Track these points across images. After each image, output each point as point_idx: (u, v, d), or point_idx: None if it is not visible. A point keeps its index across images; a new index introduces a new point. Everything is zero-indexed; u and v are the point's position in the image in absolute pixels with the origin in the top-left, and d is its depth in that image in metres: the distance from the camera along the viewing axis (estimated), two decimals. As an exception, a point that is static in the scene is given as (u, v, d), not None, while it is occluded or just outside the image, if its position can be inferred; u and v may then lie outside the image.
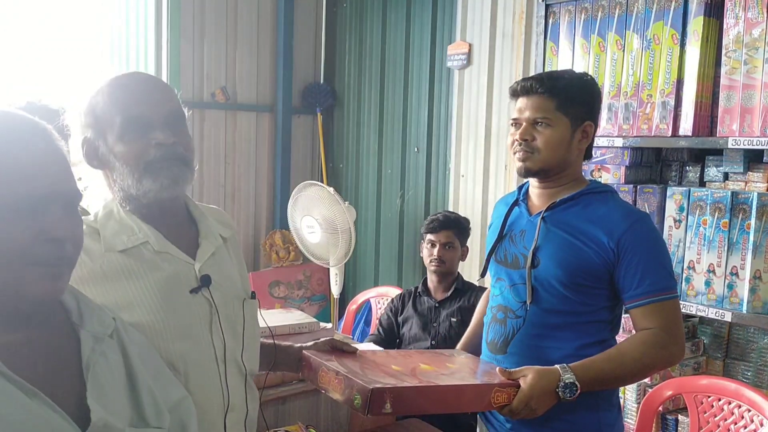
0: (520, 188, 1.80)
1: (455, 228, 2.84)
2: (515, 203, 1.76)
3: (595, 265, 1.58)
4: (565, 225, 1.62)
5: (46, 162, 0.95)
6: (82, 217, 1.30)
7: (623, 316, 1.72)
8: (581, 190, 1.67)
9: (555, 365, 1.51)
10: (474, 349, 1.85)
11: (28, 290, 0.93)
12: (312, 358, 1.53)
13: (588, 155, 1.74)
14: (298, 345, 1.60)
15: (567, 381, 1.48)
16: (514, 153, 1.67)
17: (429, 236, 2.83)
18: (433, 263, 2.79)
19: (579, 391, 1.48)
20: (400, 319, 2.89)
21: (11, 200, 0.91)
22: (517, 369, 1.54)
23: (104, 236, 1.29)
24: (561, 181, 1.67)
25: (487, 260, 1.77)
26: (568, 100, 1.63)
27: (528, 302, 1.63)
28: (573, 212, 1.64)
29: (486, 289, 1.95)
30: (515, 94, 1.68)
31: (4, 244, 0.91)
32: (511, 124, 1.69)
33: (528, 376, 1.49)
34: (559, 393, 1.48)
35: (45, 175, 0.94)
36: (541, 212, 1.66)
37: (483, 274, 1.82)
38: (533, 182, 1.72)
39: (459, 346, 1.90)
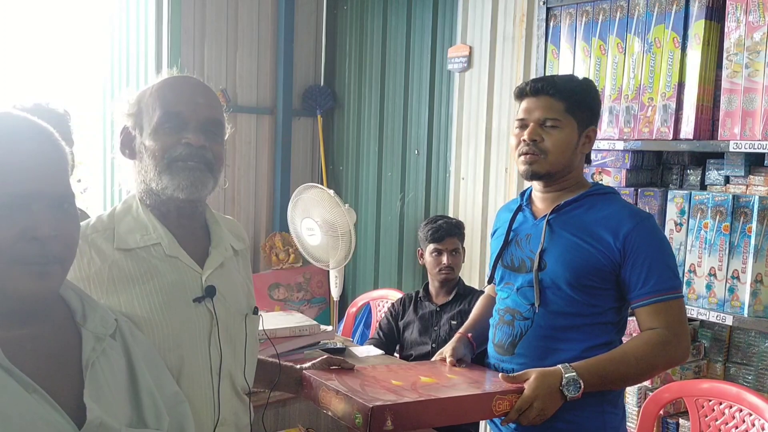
0: (522, 194, 1.80)
1: (458, 233, 2.84)
2: (519, 209, 1.76)
3: (602, 265, 1.58)
4: (571, 227, 1.63)
5: (31, 162, 0.96)
6: (102, 215, 1.32)
7: (629, 318, 1.72)
8: (585, 192, 1.67)
9: (557, 365, 1.53)
10: (477, 332, 1.83)
11: (14, 288, 0.94)
12: (312, 378, 1.53)
13: (588, 160, 1.75)
14: (299, 366, 1.60)
15: (569, 377, 1.49)
16: (520, 154, 1.65)
17: (434, 245, 2.79)
18: (444, 272, 2.77)
19: (582, 388, 1.49)
20: (401, 323, 2.88)
21: None
22: (520, 372, 1.55)
23: (118, 232, 1.30)
24: (564, 184, 1.67)
25: (494, 266, 1.77)
26: (576, 103, 1.64)
27: (536, 305, 1.63)
28: (578, 214, 1.64)
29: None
30: (523, 94, 1.66)
31: None
32: (517, 125, 1.67)
33: (530, 378, 1.50)
34: (564, 391, 1.49)
35: (28, 174, 0.95)
36: (545, 216, 1.67)
37: (490, 281, 1.82)
38: (537, 186, 1.72)
39: (463, 329, 1.87)
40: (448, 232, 2.80)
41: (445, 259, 2.76)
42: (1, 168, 0.93)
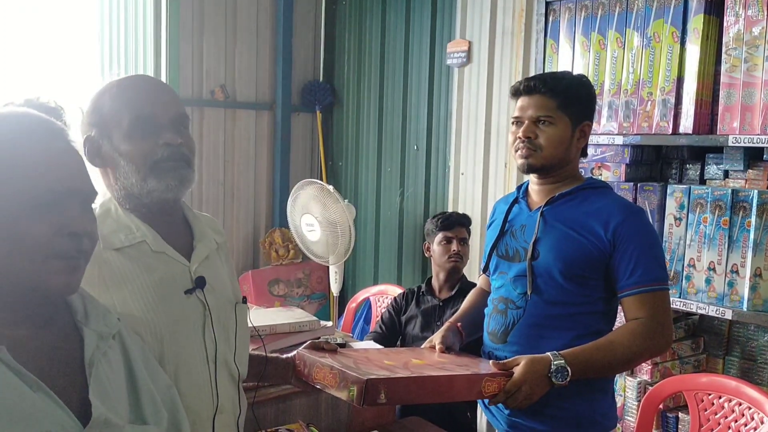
0: (519, 188, 1.87)
1: (466, 224, 2.93)
2: (515, 201, 1.84)
3: (592, 255, 1.64)
4: (564, 218, 1.70)
5: (64, 159, 0.99)
6: None
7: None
8: (579, 185, 1.74)
9: (546, 353, 1.58)
10: (466, 322, 1.90)
11: (47, 283, 0.96)
12: (306, 355, 1.57)
13: (584, 153, 1.81)
14: (285, 356, 1.64)
15: (558, 365, 1.54)
16: (516, 150, 1.73)
17: (444, 233, 2.84)
18: (453, 259, 2.81)
19: (570, 376, 1.54)
20: (403, 318, 2.89)
21: (33, 195, 0.95)
22: (511, 359, 1.60)
23: (102, 234, 1.29)
24: (559, 177, 1.74)
25: (489, 255, 1.84)
26: (568, 100, 1.70)
27: (528, 293, 1.69)
28: (571, 206, 1.71)
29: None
30: (517, 93, 1.75)
31: (26, 237, 0.94)
32: (513, 123, 1.75)
33: (520, 363, 1.55)
34: (551, 378, 1.54)
35: (64, 172, 0.98)
36: (540, 207, 1.74)
37: (485, 270, 1.88)
38: (533, 179, 1.79)
39: (453, 318, 1.93)
40: (458, 222, 2.89)
41: (454, 246, 2.81)
42: (36, 164, 0.96)
